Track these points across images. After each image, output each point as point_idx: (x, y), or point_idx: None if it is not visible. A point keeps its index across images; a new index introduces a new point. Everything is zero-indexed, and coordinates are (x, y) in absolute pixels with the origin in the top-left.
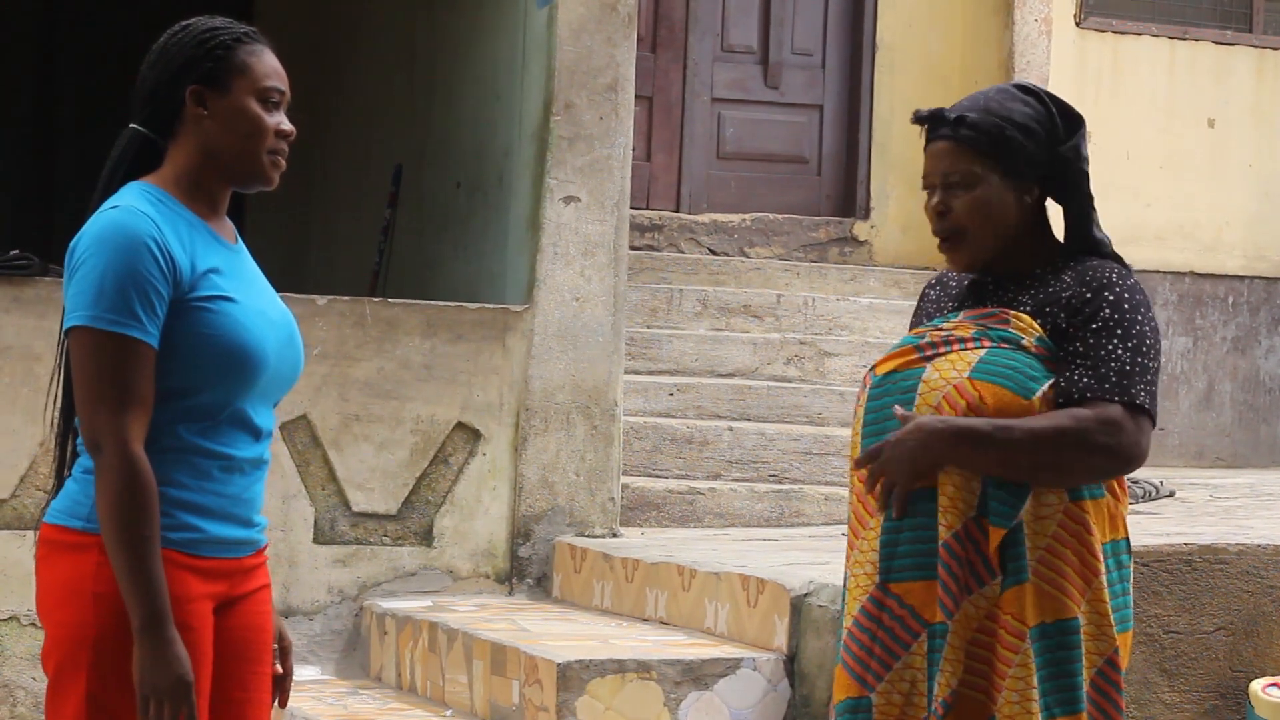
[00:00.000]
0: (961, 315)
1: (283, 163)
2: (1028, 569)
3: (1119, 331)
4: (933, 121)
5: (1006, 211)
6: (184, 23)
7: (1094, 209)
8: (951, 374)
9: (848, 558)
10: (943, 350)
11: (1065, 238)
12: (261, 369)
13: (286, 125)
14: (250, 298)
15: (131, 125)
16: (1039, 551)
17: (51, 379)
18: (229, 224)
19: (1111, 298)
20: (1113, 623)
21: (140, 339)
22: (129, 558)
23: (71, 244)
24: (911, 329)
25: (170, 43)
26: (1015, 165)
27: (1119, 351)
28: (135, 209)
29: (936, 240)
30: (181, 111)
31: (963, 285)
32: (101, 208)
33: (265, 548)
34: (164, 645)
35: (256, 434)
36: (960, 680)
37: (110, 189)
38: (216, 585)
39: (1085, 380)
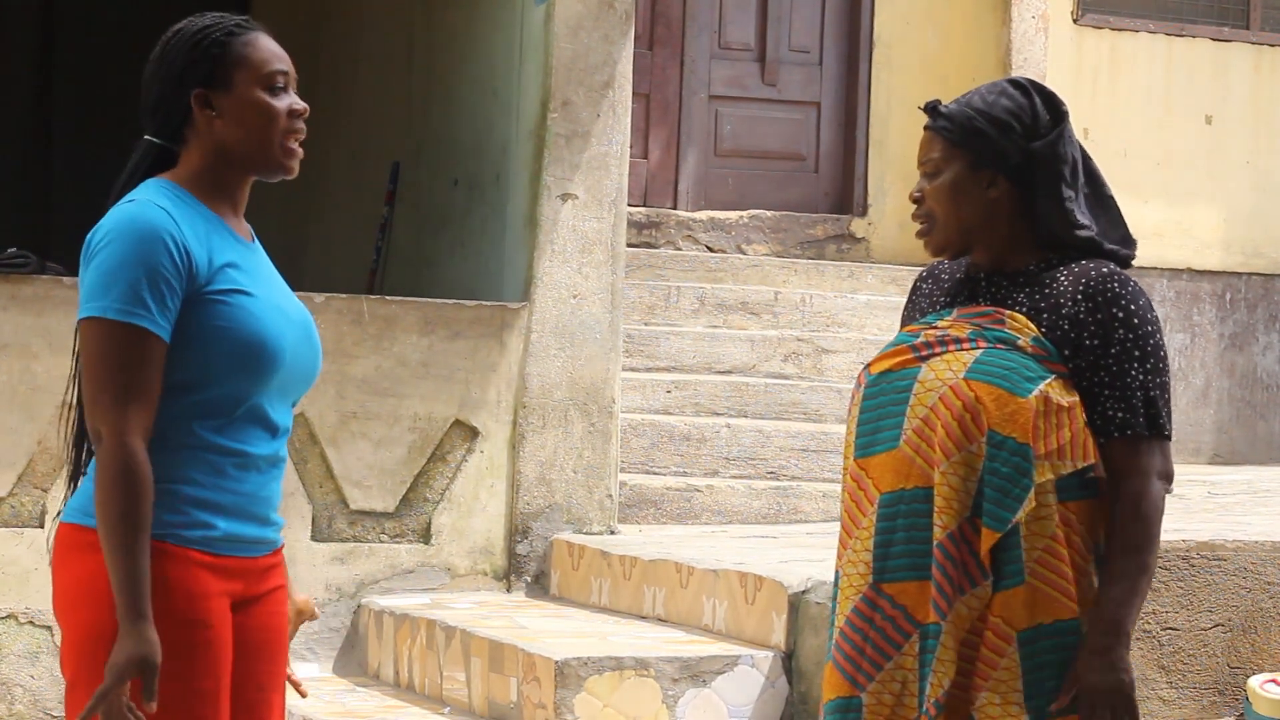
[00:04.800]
0: (955, 313)
1: (298, 147)
2: (1023, 571)
3: (1137, 353)
4: (927, 112)
5: (970, 201)
6: (176, 27)
7: (1071, 203)
8: (947, 374)
9: (840, 556)
10: (938, 350)
11: (1039, 232)
12: (277, 363)
13: (298, 104)
14: (267, 293)
15: (146, 137)
16: (1037, 553)
17: (69, 381)
18: (245, 224)
19: (1122, 315)
20: None
21: (149, 329)
22: (114, 548)
23: (87, 238)
24: (904, 323)
25: (166, 50)
26: (981, 157)
27: (1142, 377)
28: (151, 203)
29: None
30: (190, 117)
31: (954, 279)
32: (123, 200)
33: (281, 548)
34: (139, 631)
35: (273, 431)
36: (953, 681)
37: (122, 196)
38: (233, 583)
39: (1120, 416)
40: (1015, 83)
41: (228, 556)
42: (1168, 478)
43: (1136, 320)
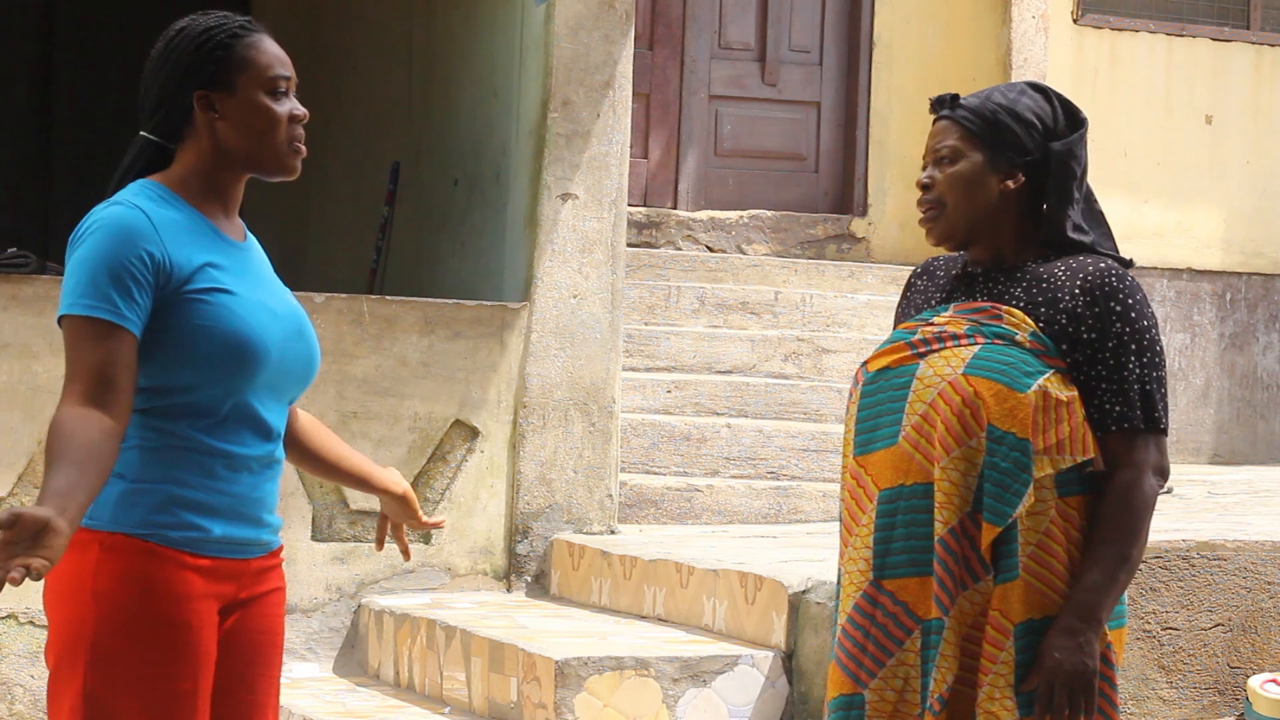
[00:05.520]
0: (951, 309)
1: (302, 149)
2: (1018, 565)
3: (1134, 347)
4: (938, 104)
5: (985, 191)
6: (179, 25)
7: (1074, 208)
8: (946, 370)
9: (841, 554)
10: (936, 347)
11: (1042, 231)
12: (262, 361)
13: (299, 110)
14: (253, 292)
15: (142, 134)
16: (1030, 548)
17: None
18: (239, 222)
19: (1120, 309)
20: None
21: (113, 321)
22: (46, 481)
23: (70, 237)
24: (898, 320)
25: (169, 48)
26: (1001, 149)
27: (1139, 370)
28: (129, 202)
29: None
30: (190, 117)
31: (950, 275)
32: (100, 204)
33: (279, 550)
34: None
35: (266, 432)
36: (956, 676)
37: (119, 190)
38: (222, 585)
39: (1117, 409)
40: (1035, 85)
41: (219, 558)
42: (1163, 473)
43: (1134, 315)
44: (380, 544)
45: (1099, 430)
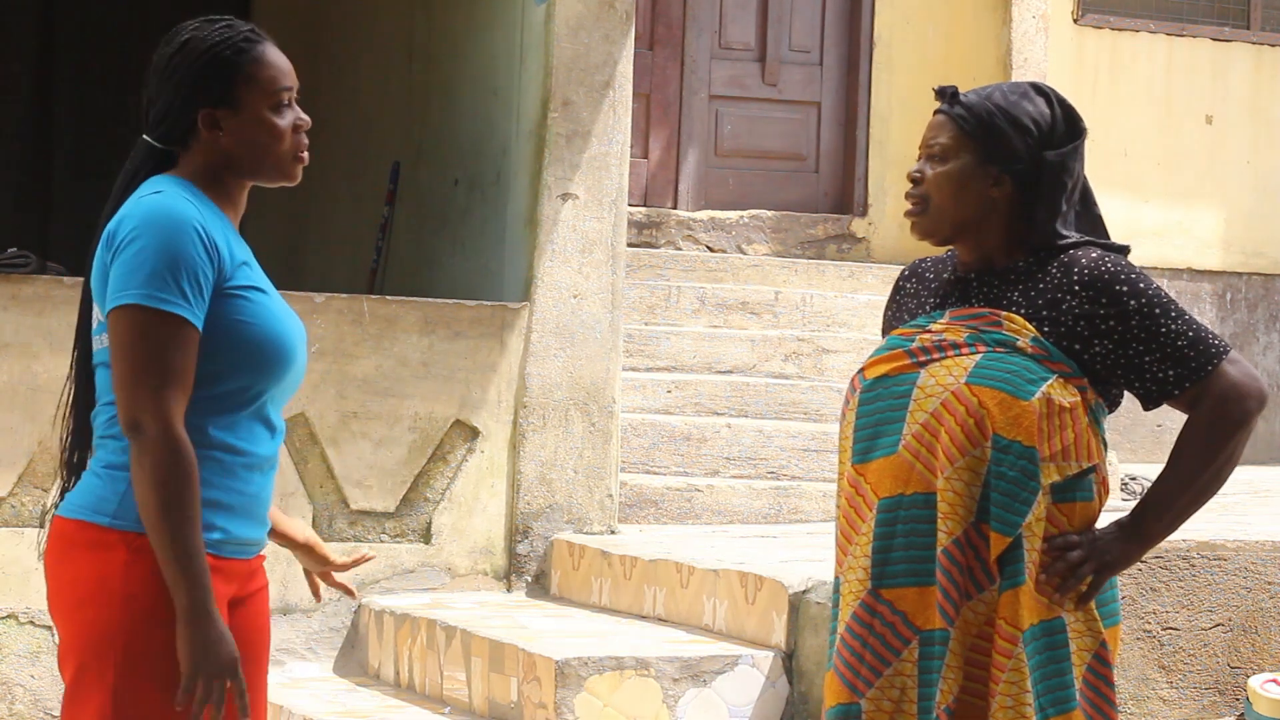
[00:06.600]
0: (948, 316)
1: (305, 156)
2: (1025, 571)
3: (1158, 311)
4: (942, 96)
5: (970, 194)
6: (184, 36)
7: (1061, 221)
8: (948, 380)
9: (839, 563)
10: (936, 356)
11: (1030, 236)
12: (290, 361)
13: (302, 118)
14: (274, 293)
15: (145, 139)
16: (1035, 553)
17: (68, 375)
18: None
19: (1127, 289)
20: (1098, 618)
21: (186, 317)
22: (172, 541)
23: (111, 228)
24: (888, 323)
25: (174, 61)
26: (992, 153)
27: (1174, 327)
28: (177, 194)
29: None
30: (195, 129)
31: (941, 278)
32: (140, 192)
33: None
34: (211, 627)
35: (273, 431)
36: (961, 686)
37: (125, 196)
38: (231, 585)
39: (1172, 372)
40: (1039, 89)
41: (229, 559)
42: (1252, 377)
43: (1141, 285)
44: (317, 595)
45: (1166, 397)
